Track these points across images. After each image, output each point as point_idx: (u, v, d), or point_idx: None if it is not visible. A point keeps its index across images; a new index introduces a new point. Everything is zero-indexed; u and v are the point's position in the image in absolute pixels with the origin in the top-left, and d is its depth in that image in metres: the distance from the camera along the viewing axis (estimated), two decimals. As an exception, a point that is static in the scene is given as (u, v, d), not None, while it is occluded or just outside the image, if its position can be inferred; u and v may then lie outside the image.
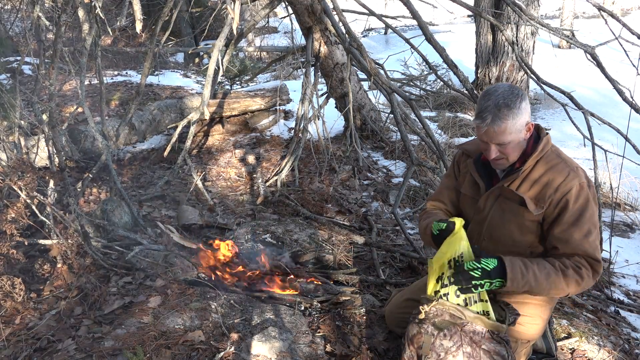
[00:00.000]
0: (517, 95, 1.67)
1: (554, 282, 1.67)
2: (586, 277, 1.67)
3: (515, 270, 1.66)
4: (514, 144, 1.72)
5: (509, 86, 1.71)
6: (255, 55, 10.68)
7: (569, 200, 1.69)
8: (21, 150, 3.54)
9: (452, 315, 1.73)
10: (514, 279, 1.65)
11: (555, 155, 1.78)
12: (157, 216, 3.53)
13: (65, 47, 3.36)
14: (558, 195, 1.70)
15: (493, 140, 1.72)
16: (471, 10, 3.70)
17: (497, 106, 1.66)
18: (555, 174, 1.72)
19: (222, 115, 5.36)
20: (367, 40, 12.54)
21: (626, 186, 4.33)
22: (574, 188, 1.69)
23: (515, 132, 1.69)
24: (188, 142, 3.67)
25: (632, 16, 12.42)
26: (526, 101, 1.70)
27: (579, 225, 1.69)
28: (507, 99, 1.66)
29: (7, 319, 2.23)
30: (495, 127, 1.67)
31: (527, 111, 1.70)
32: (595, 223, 1.71)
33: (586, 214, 1.69)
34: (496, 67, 7.05)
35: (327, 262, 3.02)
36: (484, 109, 1.69)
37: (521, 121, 1.69)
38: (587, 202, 1.69)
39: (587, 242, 1.68)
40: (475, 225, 1.95)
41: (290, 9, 4.32)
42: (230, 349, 2.05)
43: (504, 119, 1.66)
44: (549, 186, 1.72)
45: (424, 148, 4.84)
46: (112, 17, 8.79)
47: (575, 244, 1.69)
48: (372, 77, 3.74)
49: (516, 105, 1.66)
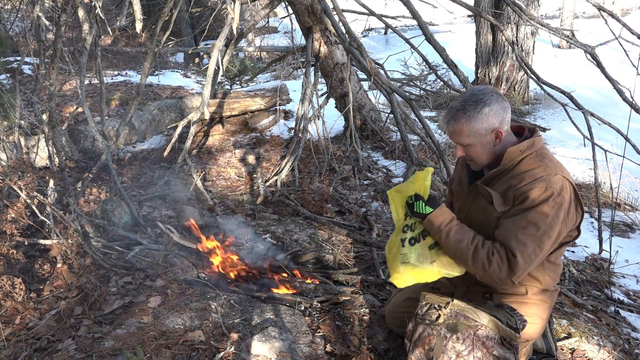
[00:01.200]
0: (479, 100, 1.68)
1: (460, 250, 1.70)
2: (496, 265, 1.64)
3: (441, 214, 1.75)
4: (477, 147, 1.74)
5: (478, 90, 1.71)
6: (255, 55, 10.68)
7: (525, 198, 1.64)
8: (21, 150, 3.54)
9: (467, 318, 1.73)
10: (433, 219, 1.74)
11: (537, 159, 1.72)
12: (157, 216, 3.53)
13: (65, 47, 3.36)
14: (519, 192, 1.67)
15: (453, 140, 1.79)
16: (471, 10, 3.71)
17: (455, 108, 1.72)
18: (528, 176, 1.68)
19: (222, 115, 5.36)
20: (367, 40, 12.54)
21: (626, 186, 4.33)
22: (535, 189, 1.63)
23: (474, 136, 1.71)
24: (188, 142, 3.67)
25: (632, 16, 12.42)
26: (494, 107, 1.68)
27: (518, 218, 1.65)
28: (466, 103, 1.69)
29: (7, 319, 2.23)
30: (450, 128, 1.74)
31: (494, 117, 1.68)
32: (537, 225, 1.63)
33: (531, 213, 1.63)
34: (496, 67, 7.05)
35: (327, 262, 3.02)
36: (448, 108, 1.77)
37: (481, 126, 1.69)
38: (542, 204, 1.62)
39: (514, 236, 1.64)
40: (463, 221, 1.98)
41: (290, 9, 4.33)
42: (230, 349, 2.05)
43: (457, 122, 1.72)
44: (517, 185, 1.69)
45: (424, 148, 4.84)
46: (112, 17, 8.79)
47: (504, 231, 1.67)
48: (372, 77, 3.74)
49: (474, 109, 1.68)
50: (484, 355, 1.69)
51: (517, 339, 1.72)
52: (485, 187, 1.78)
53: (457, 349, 1.70)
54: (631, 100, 3.05)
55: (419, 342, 1.76)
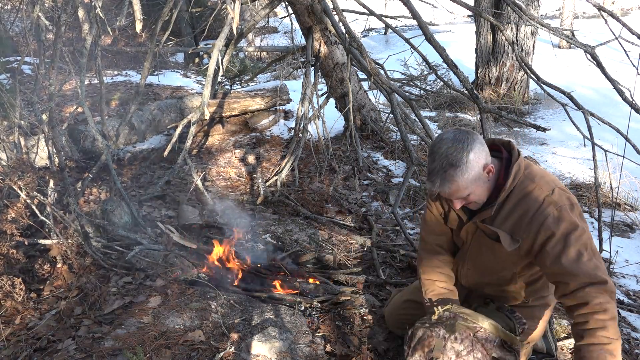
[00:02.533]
0: (462, 148, 1.54)
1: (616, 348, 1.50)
2: (609, 307, 1.50)
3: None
4: (476, 192, 1.64)
5: (452, 139, 1.57)
6: (255, 55, 10.68)
7: (548, 230, 1.57)
8: (21, 150, 3.54)
9: (466, 320, 1.72)
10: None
11: (530, 181, 1.64)
12: (157, 216, 3.53)
13: (65, 47, 3.36)
14: (534, 226, 1.59)
15: (452, 197, 1.66)
16: (471, 10, 3.70)
17: (443, 168, 1.56)
18: (529, 203, 1.61)
19: (222, 115, 5.36)
20: (367, 40, 12.54)
21: (626, 186, 4.33)
22: (550, 216, 1.57)
23: (471, 184, 1.60)
24: (188, 142, 3.67)
25: (632, 16, 12.41)
26: (475, 147, 1.56)
27: (568, 250, 1.55)
28: (452, 157, 1.55)
29: (7, 319, 2.23)
30: (446, 189, 1.60)
31: (480, 157, 1.57)
32: (584, 243, 1.56)
33: (570, 237, 1.55)
34: (496, 67, 7.05)
35: (327, 262, 3.02)
36: (431, 171, 1.60)
37: (474, 172, 1.57)
38: (569, 225, 1.56)
39: (583, 265, 1.53)
40: (461, 255, 1.95)
41: (290, 9, 4.32)
42: (230, 349, 2.05)
43: (452, 180, 1.57)
44: (523, 217, 1.62)
45: (424, 148, 4.84)
46: (112, 17, 8.78)
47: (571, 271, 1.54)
48: (372, 77, 3.74)
49: (462, 160, 1.54)
50: (484, 357, 1.68)
51: (517, 342, 1.70)
52: (490, 226, 1.70)
53: (456, 349, 1.69)
54: (631, 100, 3.04)
55: (419, 345, 1.76)
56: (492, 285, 1.92)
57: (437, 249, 1.98)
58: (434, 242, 1.99)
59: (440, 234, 1.98)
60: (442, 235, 1.98)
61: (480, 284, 1.97)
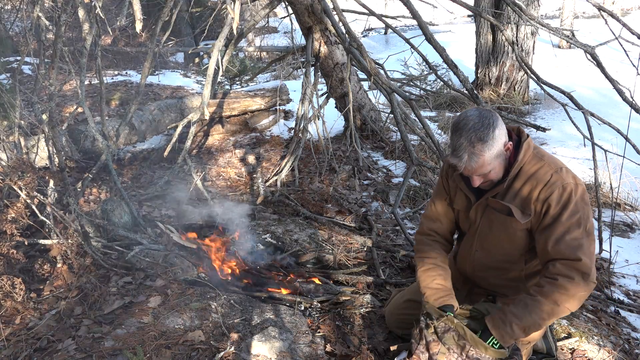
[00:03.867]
0: (489, 124, 1.60)
1: (537, 308, 1.61)
2: (569, 284, 1.57)
3: (495, 323, 1.67)
4: (496, 169, 1.69)
5: (479, 116, 1.62)
6: (255, 55, 10.68)
7: (550, 204, 1.64)
8: (21, 150, 3.54)
9: (458, 334, 1.73)
10: (498, 330, 1.66)
11: (538, 159, 1.71)
12: (157, 216, 3.53)
13: (65, 47, 3.36)
14: (541, 199, 1.66)
15: (474, 174, 1.70)
16: (471, 10, 3.70)
17: (471, 143, 1.60)
18: (538, 179, 1.67)
19: (222, 115, 5.36)
20: (367, 40, 12.53)
21: (626, 186, 4.33)
22: (555, 191, 1.63)
23: (494, 160, 1.65)
24: (188, 142, 3.67)
25: (632, 16, 12.41)
26: (499, 125, 1.63)
27: (555, 227, 1.62)
28: (479, 132, 1.59)
29: (7, 319, 2.23)
30: (473, 164, 1.63)
31: (502, 134, 1.65)
32: (576, 222, 1.61)
33: (564, 215, 1.62)
34: (496, 67, 7.05)
35: (327, 262, 3.02)
36: (457, 146, 1.63)
37: (498, 148, 1.64)
38: (567, 203, 1.63)
39: (563, 243, 1.60)
40: (469, 237, 1.95)
41: (290, 9, 4.32)
42: (230, 349, 2.05)
43: (480, 155, 1.61)
44: (532, 192, 1.68)
45: (424, 148, 4.84)
46: (112, 17, 8.79)
47: (550, 247, 1.63)
48: (372, 77, 3.74)
49: (490, 136, 1.60)
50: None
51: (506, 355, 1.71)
52: (501, 201, 1.74)
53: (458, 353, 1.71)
54: (631, 100, 3.04)
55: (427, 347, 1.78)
56: (498, 270, 1.92)
57: (430, 233, 2.04)
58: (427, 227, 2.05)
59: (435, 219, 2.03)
60: (437, 222, 2.02)
61: (486, 270, 1.96)
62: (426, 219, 2.07)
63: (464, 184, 1.86)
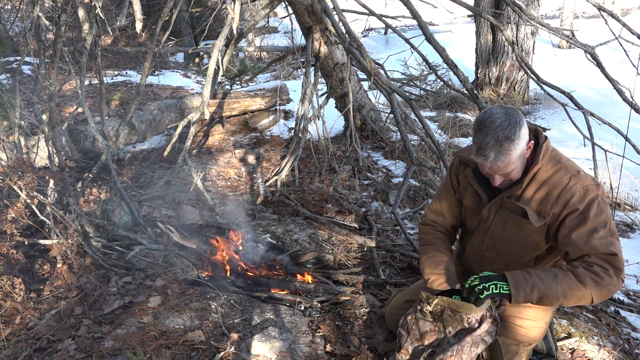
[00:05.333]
0: (516, 123, 1.58)
1: (565, 283, 1.56)
2: (603, 274, 1.55)
3: (516, 277, 1.62)
4: (517, 167, 1.67)
5: (505, 114, 1.59)
6: (255, 55, 10.68)
7: (573, 206, 1.62)
8: (21, 150, 3.54)
9: (454, 311, 1.74)
10: (517, 284, 1.59)
11: (555, 162, 1.70)
12: (157, 216, 3.53)
13: (65, 47, 3.36)
14: (560, 204, 1.64)
15: (498, 173, 1.67)
16: (471, 10, 3.70)
17: (499, 142, 1.57)
18: (555, 183, 1.66)
19: (222, 115, 5.36)
20: (367, 40, 12.53)
21: (626, 186, 4.33)
22: (576, 193, 1.62)
23: (517, 159, 1.63)
24: (188, 142, 3.67)
25: (632, 16, 12.41)
26: (524, 123, 1.62)
27: (584, 225, 1.61)
28: (507, 130, 1.56)
29: (7, 319, 2.23)
30: (500, 163, 1.61)
31: (526, 133, 1.63)
32: (603, 221, 1.60)
33: (589, 213, 1.60)
34: (496, 67, 7.05)
35: (327, 262, 3.02)
36: (484, 145, 1.59)
37: (523, 147, 1.62)
38: (591, 203, 1.61)
39: (594, 239, 1.58)
40: (479, 235, 1.93)
41: (290, 9, 4.32)
42: (230, 349, 2.05)
43: (507, 154, 1.58)
44: (549, 195, 1.66)
45: (424, 148, 4.84)
46: (112, 17, 8.78)
47: (582, 243, 1.60)
48: (372, 77, 3.74)
49: (517, 135, 1.57)
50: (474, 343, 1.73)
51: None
52: (516, 202, 1.73)
53: (451, 343, 1.73)
54: (631, 100, 3.05)
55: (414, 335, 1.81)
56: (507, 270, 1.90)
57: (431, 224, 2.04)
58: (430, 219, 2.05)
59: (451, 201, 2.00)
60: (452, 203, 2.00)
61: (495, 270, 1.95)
62: (431, 211, 2.07)
63: (476, 182, 1.84)
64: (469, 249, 2.01)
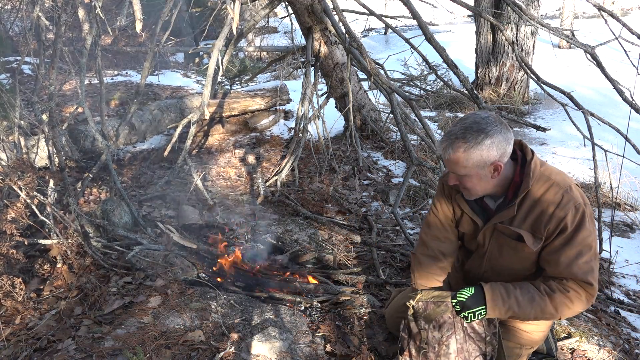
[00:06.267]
0: (482, 130, 1.52)
1: (539, 307, 1.62)
2: (576, 300, 1.60)
3: (495, 296, 1.65)
4: (472, 178, 1.62)
5: (481, 119, 1.55)
6: (255, 55, 10.68)
7: (566, 224, 1.60)
8: (21, 150, 3.54)
9: (437, 303, 1.76)
10: (494, 305, 1.65)
11: (546, 179, 1.64)
12: (157, 216, 3.53)
13: (65, 47, 3.36)
14: (554, 223, 1.61)
15: (448, 168, 1.65)
16: (471, 10, 3.70)
17: (455, 135, 1.56)
18: (549, 201, 1.62)
19: (222, 115, 5.36)
20: (367, 40, 12.53)
21: (626, 186, 4.33)
22: (569, 213, 1.59)
23: (470, 167, 1.57)
24: (188, 142, 3.67)
25: (632, 16, 12.41)
26: (495, 137, 1.53)
27: (568, 248, 1.60)
28: (467, 131, 1.53)
29: (7, 319, 2.23)
30: (446, 155, 1.59)
31: (494, 148, 1.54)
32: (589, 245, 1.60)
33: (578, 236, 1.59)
34: (496, 67, 7.05)
35: (327, 262, 3.02)
36: (447, 133, 1.60)
37: (480, 158, 1.55)
38: (581, 224, 1.59)
39: (577, 265, 1.59)
40: (477, 258, 1.92)
41: (290, 9, 4.32)
42: (230, 349, 2.05)
43: (454, 150, 1.56)
44: (543, 215, 1.63)
45: (424, 148, 4.84)
46: (112, 17, 8.79)
47: (563, 267, 1.61)
48: (372, 77, 3.74)
49: (474, 140, 1.52)
50: (465, 335, 1.75)
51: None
52: (510, 227, 1.70)
53: (437, 337, 1.75)
54: (631, 100, 3.04)
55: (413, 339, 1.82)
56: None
57: (439, 256, 1.93)
58: (437, 248, 1.93)
59: (444, 240, 1.93)
60: (446, 242, 1.93)
61: None
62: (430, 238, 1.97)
63: (468, 207, 1.80)
64: (468, 267, 2.00)
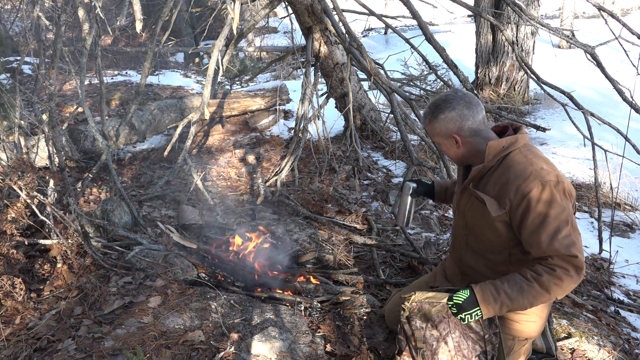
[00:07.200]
0: (438, 107, 1.77)
1: (530, 294, 1.64)
2: (564, 276, 1.61)
3: (486, 296, 1.68)
4: (442, 146, 1.87)
5: (447, 96, 1.78)
6: (255, 55, 10.68)
7: (530, 203, 1.62)
8: (21, 150, 3.54)
9: (432, 303, 1.76)
10: (487, 305, 1.67)
11: (523, 156, 1.70)
12: (157, 216, 3.53)
13: (65, 47, 3.36)
14: (518, 197, 1.65)
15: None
16: (471, 10, 3.70)
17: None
18: (516, 175, 1.66)
19: (222, 115, 5.36)
20: (367, 40, 12.53)
21: (626, 186, 4.33)
22: (534, 189, 1.61)
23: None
24: (188, 142, 3.67)
25: (632, 16, 12.41)
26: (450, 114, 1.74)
27: (545, 226, 1.62)
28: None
29: (7, 319, 2.23)
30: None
31: (449, 123, 1.76)
32: (564, 219, 1.62)
33: (551, 213, 1.61)
34: (496, 67, 7.04)
35: (327, 262, 3.02)
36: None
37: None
38: (551, 201, 1.61)
39: (557, 241, 1.61)
40: (457, 218, 1.99)
41: (290, 9, 4.32)
42: (230, 349, 2.05)
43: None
44: (508, 186, 1.67)
45: (424, 148, 4.84)
46: (112, 17, 8.79)
47: (544, 245, 1.63)
48: (372, 77, 3.74)
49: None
50: (462, 334, 1.75)
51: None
52: (477, 191, 1.78)
53: (435, 335, 1.75)
54: (631, 100, 3.04)
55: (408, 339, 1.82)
56: (485, 259, 1.92)
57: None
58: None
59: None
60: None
61: (476, 258, 1.96)
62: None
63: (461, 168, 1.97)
64: (455, 232, 2.07)
